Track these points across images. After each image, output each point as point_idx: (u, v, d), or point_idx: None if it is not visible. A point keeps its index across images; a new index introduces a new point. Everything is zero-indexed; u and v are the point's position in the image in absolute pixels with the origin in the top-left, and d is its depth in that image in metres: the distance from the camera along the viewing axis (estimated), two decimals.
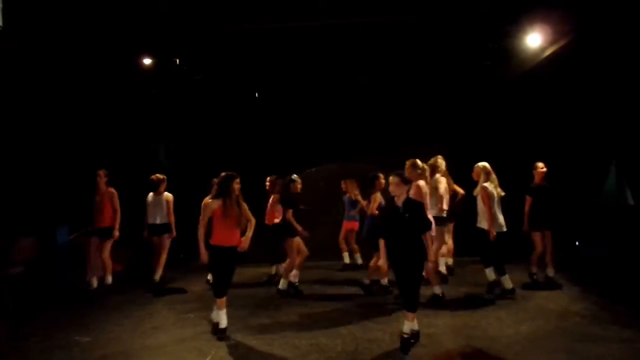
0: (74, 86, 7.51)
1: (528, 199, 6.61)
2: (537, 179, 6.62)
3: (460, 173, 7.92)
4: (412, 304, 4.46)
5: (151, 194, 7.07)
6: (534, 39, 6.94)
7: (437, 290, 5.83)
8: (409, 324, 4.44)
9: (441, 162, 6.54)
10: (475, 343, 4.55)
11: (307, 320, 5.36)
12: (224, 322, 4.91)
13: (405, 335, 4.42)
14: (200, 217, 4.93)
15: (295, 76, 9.13)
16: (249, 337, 4.84)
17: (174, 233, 7.02)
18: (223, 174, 5.04)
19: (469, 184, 7.15)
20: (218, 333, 4.90)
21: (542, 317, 5.25)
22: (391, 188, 4.55)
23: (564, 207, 6.89)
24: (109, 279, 6.74)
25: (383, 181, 6.55)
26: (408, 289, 4.46)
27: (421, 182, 5.67)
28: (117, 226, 6.72)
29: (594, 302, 5.72)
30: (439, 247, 6.47)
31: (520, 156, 8.15)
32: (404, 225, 4.43)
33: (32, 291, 6.28)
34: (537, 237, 6.49)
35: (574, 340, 4.52)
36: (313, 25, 6.82)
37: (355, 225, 8.08)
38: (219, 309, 4.95)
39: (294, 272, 6.55)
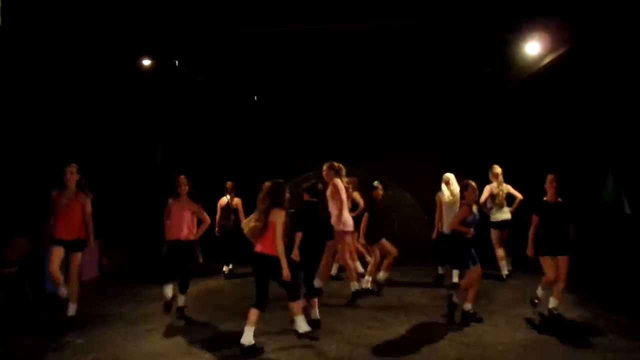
0: (71, 87, 7.50)
1: (535, 219, 5.48)
2: (548, 194, 5.48)
3: (458, 178, 7.87)
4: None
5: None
6: (533, 47, 6.97)
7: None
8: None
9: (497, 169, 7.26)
10: (470, 350, 4.53)
11: None
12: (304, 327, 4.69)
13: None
14: (278, 231, 4.54)
15: (294, 80, 9.14)
16: None
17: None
18: (273, 181, 4.80)
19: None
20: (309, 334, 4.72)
21: (538, 324, 5.24)
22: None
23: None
24: (73, 309, 5.29)
25: (475, 193, 5.59)
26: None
27: (337, 180, 6.10)
28: (92, 239, 5.42)
29: (590, 310, 5.72)
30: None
31: (519, 163, 8.18)
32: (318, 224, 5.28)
33: (24, 291, 6.22)
34: (546, 262, 5.40)
35: (570, 349, 4.51)
36: (312, 30, 6.84)
37: None
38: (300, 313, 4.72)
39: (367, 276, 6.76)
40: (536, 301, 5.56)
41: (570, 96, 7.76)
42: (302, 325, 4.67)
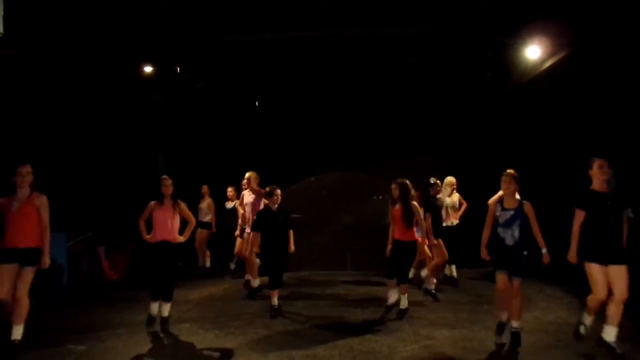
0: (74, 93, 7.55)
1: (579, 214, 4.38)
2: (595, 182, 4.41)
3: (460, 183, 7.89)
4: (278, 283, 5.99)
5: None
6: (533, 51, 6.97)
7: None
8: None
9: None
10: (473, 356, 4.51)
11: (304, 331, 5.31)
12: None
13: None
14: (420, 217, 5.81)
15: (295, 85, 9.18)
16: (244, 347, 4.79)
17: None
18: (401, 181, 5.75)
19: (470, 194, 7.14)
20: None
21: (541, 329, 5.21)
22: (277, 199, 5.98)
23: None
24: (18, 333, 4.50)
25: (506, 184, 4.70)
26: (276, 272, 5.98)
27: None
28: (47, 250, 4.67)
29: None
30: None
31: (519, 166, 8.16)
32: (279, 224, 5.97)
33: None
34: (594, 271, 4.32)
35: (573, 353, 4.48)
36: (314, 36, 6.87)
37: None
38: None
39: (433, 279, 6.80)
40: (582, 332, 4.48)
41: (570, 99, 7.76)
42: (405, 302, 5.74)
